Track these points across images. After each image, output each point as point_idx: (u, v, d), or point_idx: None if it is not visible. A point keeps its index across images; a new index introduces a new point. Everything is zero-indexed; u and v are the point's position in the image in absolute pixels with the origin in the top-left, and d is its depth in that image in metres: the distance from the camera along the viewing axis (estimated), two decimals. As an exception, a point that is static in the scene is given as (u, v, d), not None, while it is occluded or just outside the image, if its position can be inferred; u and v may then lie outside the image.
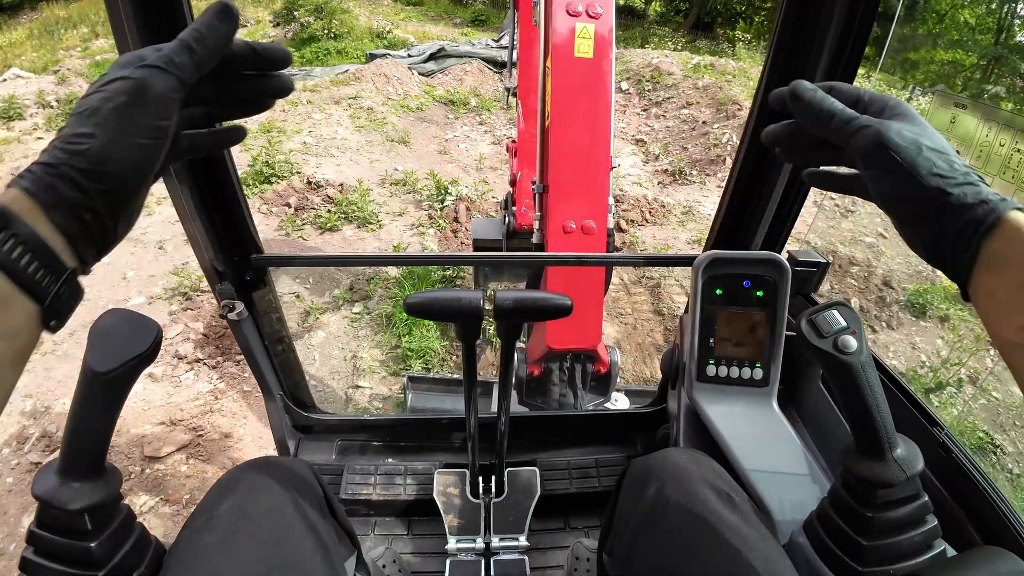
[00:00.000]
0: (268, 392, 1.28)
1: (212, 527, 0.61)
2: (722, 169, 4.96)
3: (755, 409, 0.94)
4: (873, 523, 0.57)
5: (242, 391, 2.57)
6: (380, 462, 1.40)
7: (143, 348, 0.53)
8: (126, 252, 3.59)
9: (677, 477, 0.65)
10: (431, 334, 3.00)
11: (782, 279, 0.94)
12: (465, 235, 4.02)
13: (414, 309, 0.78)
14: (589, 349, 1.54)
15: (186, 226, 0.97)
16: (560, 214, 1.38)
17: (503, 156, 5.56)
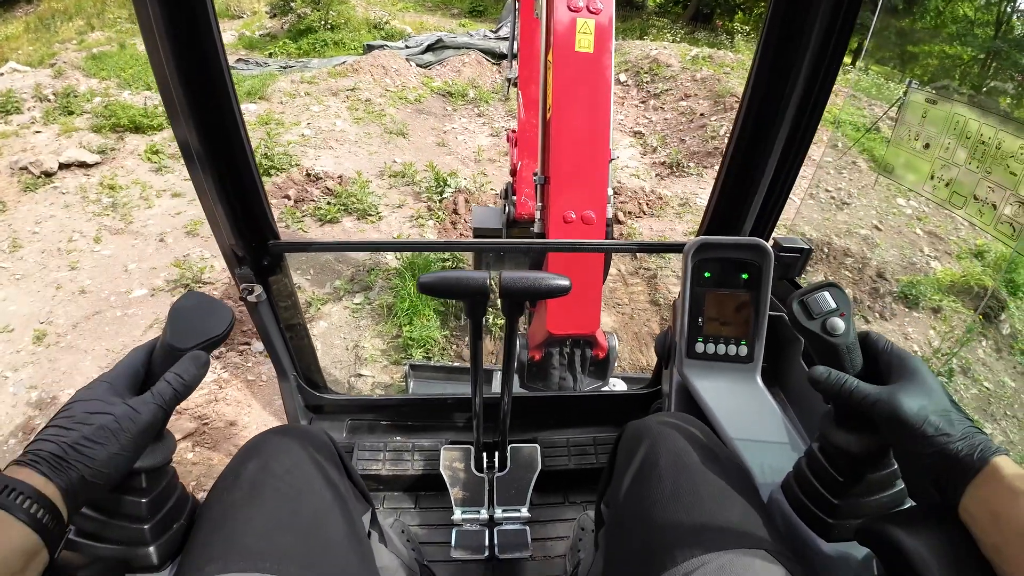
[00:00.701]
0: (282, 373, 1.34)
1: (239, 485, 0.66)
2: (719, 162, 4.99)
3: (740, 383, 1.01)
4: (844, 486, 0.63)
5: (246, 380, 2.61)
6: (389, 439, 1.46)
7: (219, 331, 0.59)
8: (127, 245, 3.61)
9: (667, 435, 0.72)
10: (431, 323, 3.04)
11: (766, 263, 1.00)
12: (464, 227, 4.05)
13: (427, 287, 0.86)
14: (588, 335, 1.59)
15: (207, 212, 1.02)
16: (560, 204, 1.43)
17: (501, 148, 5.58)
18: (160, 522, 0.61)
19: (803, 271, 1.09)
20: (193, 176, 0.96)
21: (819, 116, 0.97)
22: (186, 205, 4.13)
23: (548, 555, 1.30)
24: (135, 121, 5.07)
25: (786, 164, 1.03)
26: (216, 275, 3.32)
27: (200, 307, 0.60)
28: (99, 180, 4.34)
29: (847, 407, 0.60)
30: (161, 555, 0.61)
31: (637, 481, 0.69)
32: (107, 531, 0.58)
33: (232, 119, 0.96)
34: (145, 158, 4.67)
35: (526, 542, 1.22)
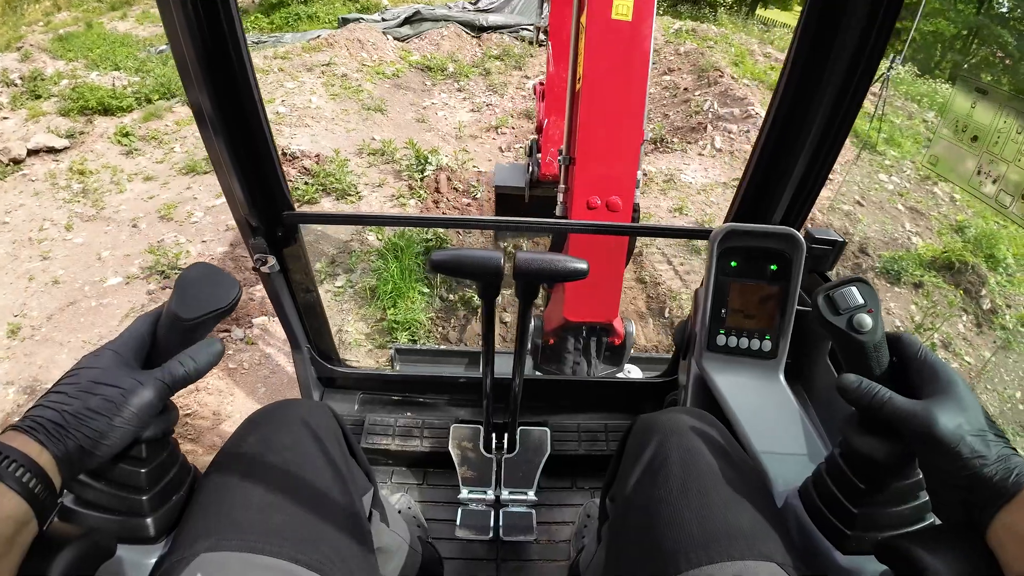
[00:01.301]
0: (295, 344, 1.34)
1: (239, 458, 0.65)
2: (703, 137, 4.96)
3: (762, 380, 0.97)
4: (866, 494, 0.59)
5: (227, 368, 2.54)
6: (399, 415, 1.46)
7: (224, 303, 0.57)
8: (99, 232, 3.48)
9: (679, 432, 0.68)
10: (416, 305, 2.99)
11: (797, 254, 0.95)
12: (447, 206, 3.98)
13: (439, 266, 0.83)
14: (606, 323, 1.55)
15: (222, 181, 1.00)
16: (585, 188, 1.35)
17: (483, 123, 5.47)
18: (159, 493, 0.59)
19: (835, 265, 1.05)
20: (207, 143, 0.94)
21: (860, 102, 0.92)
22: (158, 188, 3.98)
23: (552, 539, 1.30)
24: (103, 103, 4.86)
25: (822, 151, 0.98)
26: (192, 261, 3.22)
27: (207, 278, 0.58)
28: (68, 166, 4.16)
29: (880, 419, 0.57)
30: (158, 527, 0.59)
31: (645, 477, 0.66)
32: (105, 500, 0.57)
33: (247, 85, 0.92)
34: (115, 141, 4.48)
35: (531, 525, 1.22)
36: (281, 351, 2.68)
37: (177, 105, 5.07)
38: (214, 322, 0.58)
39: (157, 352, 0.58)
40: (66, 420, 0.49)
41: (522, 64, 6.77)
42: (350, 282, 3.17)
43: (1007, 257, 3.64)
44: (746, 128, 4.93)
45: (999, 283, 3.54)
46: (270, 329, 2.77)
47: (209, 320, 0.57)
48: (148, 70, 5.52)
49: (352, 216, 1.13)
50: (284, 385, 2.48)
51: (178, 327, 0.57)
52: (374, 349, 2.85)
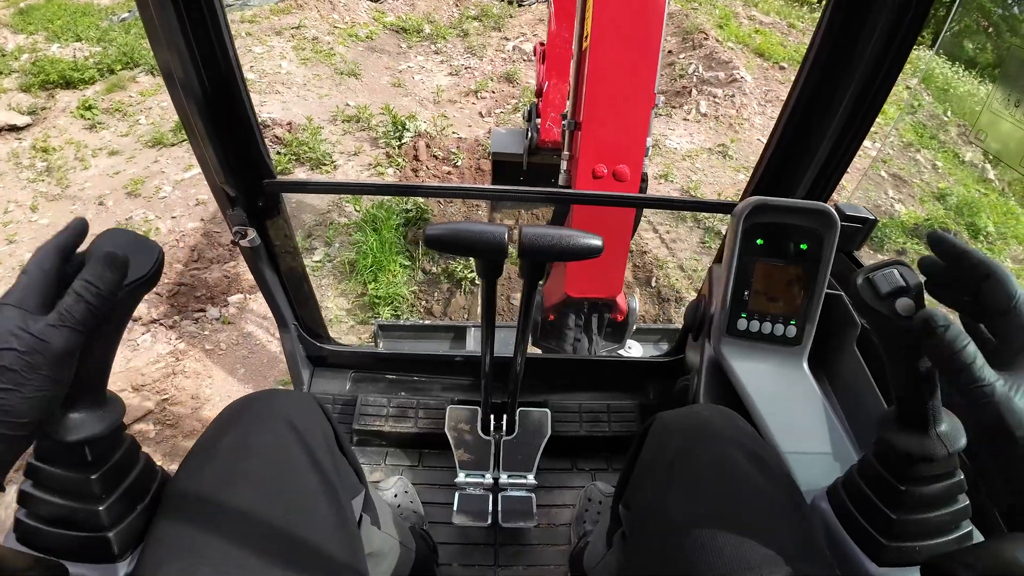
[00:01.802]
0: (282, 322, 1.27)
1: (211, 463, 0.58)
2: (688, 102, 4.85)
3: (784, 368, 0.90)
4: (905, 497, 0.55)
5: (204, 350, 2.44)
6: (393, 395, 1.40)
7: (143, 271, 0.49)
8: (65, 212, 3.29)
9: (707, 436, 0.61)
10: (398, 279, 2.91)
11: (830, 233, 0.87)
12: (427, 175, 3.84)
13: (435, 242, 0.74)
14: (609, 299, 1.49)
15: (195, 148, 0.92)
16: (591, 156, 1.25)
17: (462, 87, 5.27)
18: (118, 502, 0.52)
19: (863, 244, 0.98)
20: (178, 108, 0.85)
21: (898, 69, 0.84)
22: (124, 163, 3.77)
23: (553, 523, 1.26)
24: (65, 76, 4.58)
25: (855, 121, 0.90)
26: (162, 238, 3.05)
27: (123, 245, 0.49)
28: (31, 143, 3.92)
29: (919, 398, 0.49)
30: (121, 542, 0.52)
31: (670, 488, 0.59)
32: (60, 513, 0.50)
33: (222, 42, 0.83)
34: (78, 115, 4.22)
35: (531, 511, 1.18)
36: (260, 329, 2.58)
37: (141, 75, 4.79)
38: (134, 297, 0.50)
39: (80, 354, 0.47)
40: None
41: (501, 25, 6.51)
42: (328, 256, 3.06)
43: (988, 226, 3.67)
44: (731, 92, 4.84)
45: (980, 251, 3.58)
46: (247, 307, 2.66)
47: (128, 294, 0.49)
48: (110, 40, 5.19)
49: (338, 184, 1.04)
50: (264, 365, 2.39)
51: None
52: (356, 325, 2.76)
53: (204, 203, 3.34)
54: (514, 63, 5.61)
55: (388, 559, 0.85)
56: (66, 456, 0.49)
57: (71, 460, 0.50)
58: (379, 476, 1.33)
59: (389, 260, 2.94)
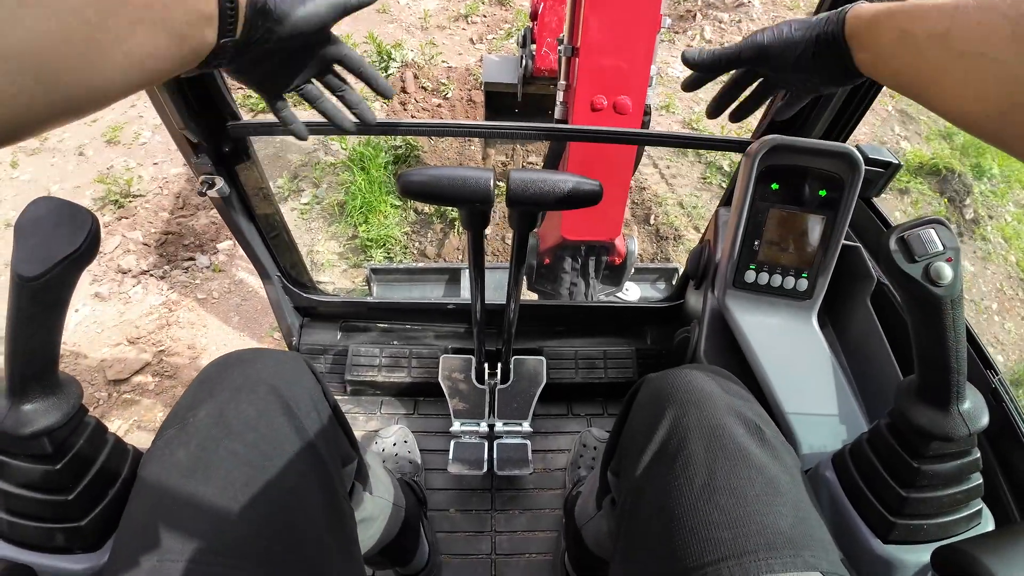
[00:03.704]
0: (265, 274, 1.22)
1: (186, 440, 0.52)
2: (692, 27, 4.56)
3: (792, 323, 0.84)
4: (919, 475, 0.51)
5: (197, 299, 2.40)
6: (385, 345, 1.38)
7: (74, 246, 0.43)
8: (45, 164, 3.15)
9: (699, 403, 0.56)
10: (389, 221, 2.83)
11: (852, 178, 0.79)
12: (416, 108, 3.66)
13: (411, 190, 0.68)
14: (608, 241, 1.42)
15: (150, 92, 0.83)
16: (590, 85, 1.14)
17: (451, 12, 4.94)
18: (86, 491, 0.49)
19: (883, 191, 0.89)
20: None
21: None
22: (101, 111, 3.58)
23: (548, 468, 1.27)
24: None
25: None
26: (145, 186, 2.93)
27: (52, 216, 0.44)
28: None
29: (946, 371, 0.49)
30: (95, 531, 0.50)
31: (660, 463, 0.54)
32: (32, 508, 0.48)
33: None
34: None
35: (526, 458, 1.17)
36: (252, 276, 2.53)
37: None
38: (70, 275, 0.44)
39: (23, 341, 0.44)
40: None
41: (492, -59, 6.03)
42: (316, 197, 2.96)
43: (992, 167, 3.57)
44: (737, 18, 4.56)
45: (983, 193, 3.48)
46: (237, 254, 2.60)
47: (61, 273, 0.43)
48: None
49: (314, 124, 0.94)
50: (259, 312, 2.36)
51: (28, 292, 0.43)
52: (348, 269, 2.71)
53: (185, 145, 3.20)
54: (506, -16, 5.24)
55: (377, 522, 0.83)
56: (25, 450, 0.46)
57: (31, 453, 0.46)
58: (377, 424, 1.32)
59: (379, 201, 2.85)
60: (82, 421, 0.50)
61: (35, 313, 0.43)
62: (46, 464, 0.47)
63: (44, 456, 0.47)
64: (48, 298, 0.44)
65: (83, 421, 0.50)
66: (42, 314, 0.44)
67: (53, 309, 0.45)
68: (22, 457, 0.47)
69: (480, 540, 1.16)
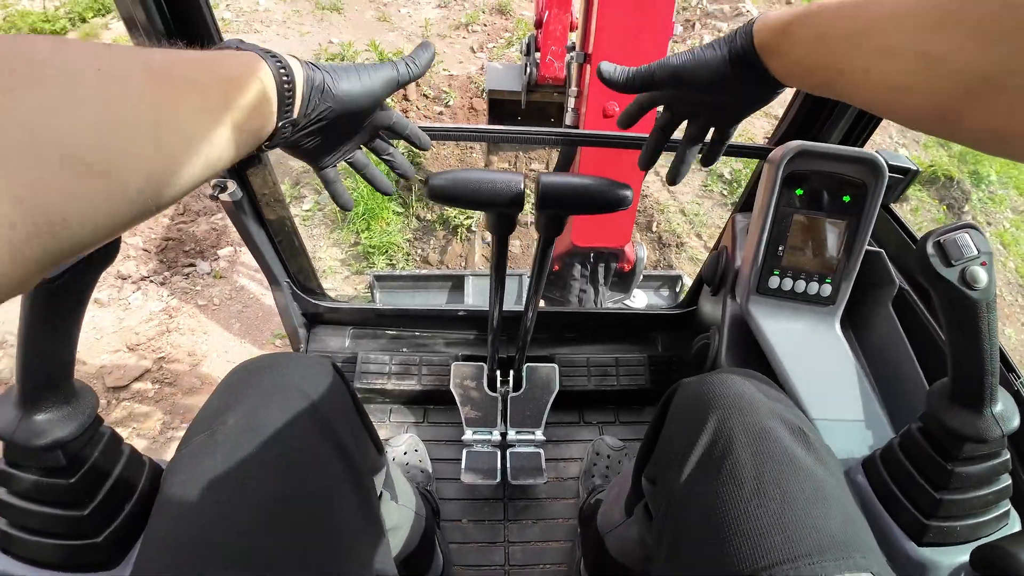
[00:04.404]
0: (274, 280, 1.21)
1: (215, 448, 0.50)
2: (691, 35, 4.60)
3: (816, 329, 0.84)
4: (953, 477, 0.52)
5: (197, 305, 2.38)
6: (395, 352, 1.36)
7: None
8: None
9: (742, 408, 0.55)
10: (391, 228, 2.82)
11: (876, 184, 0.79)
12: (418, 115, 3.67)
13: (439, 194, 0.65)
14: (617, 248, 1.42)
15: None
16: (602, 91, 1.14)
17: (451, 20, 4.97)
18: (103, 505, 0.48)
19: (901, 196, 0.90)
20: None
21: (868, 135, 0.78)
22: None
23: (560, 477, 1.26)
24: (36, 27, 4.39)
25: None
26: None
27: None
28: None
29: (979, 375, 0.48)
30: (112, 547, 0.49)
31: (706, 468, 0.53)
32: (48, 524, 0.46)
33: None
34: None
35: (540, 467, 1.16)
36: (253, 282, 2.51)
37: (113, 21, 4.49)
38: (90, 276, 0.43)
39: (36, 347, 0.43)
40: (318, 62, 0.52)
41: (491, -49, 6.08)
42: (318, 204, 2.95)
43: (990, 174, 3.60)
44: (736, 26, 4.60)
45: (981, 200, 3.50)
46: (239, 260, 2.59)
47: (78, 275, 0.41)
48: None
49: None
50: (260, 319, 2.34)
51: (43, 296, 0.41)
52: (351, 276, 2.70)
53: (185, 151, 3.19)
54: (506, -7, 5.28)
55: (401, 532, 0.81)
56: (38, 462, 0.44)
57: (44, 465, 0.44)
58: (387, 433, 1.30)
59: (381, 207, 2.85)
60: (97, 431, 0.48)
61: (50, 317, 0.42)
62: (60, 478, 0.45)
63: (58, 469, 0.45)
64: (64, 301, 0.42)
65: (98, 431, 0.48)
66: (58, 318, 0.42)
67: (69, 313, 0.43)
68: (34, 470, 0.45)
69: (493, 551, 1.14)
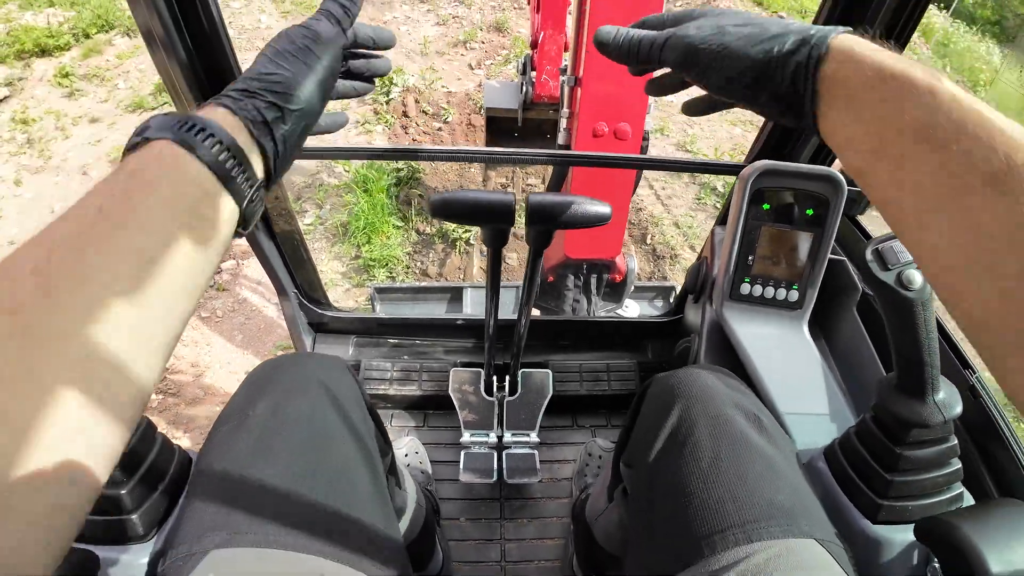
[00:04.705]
0: (281, 290, 1.27)
1: (246, 431, 0.56)
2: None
3: (785, 332, 0.91)
4: (901, 460, 0.57)
5: (200, 317, 2.43)
6: (396, 359, 1.43)
7: None
8: (50, 183, 3.21)
9: (704, 398, 0.63)
10: (391, 241, 2.88)
11: (836, 198, 0.87)
12: (417, 131, 3.75)
13: (440, 210, 0.73)
14: (608, 260, 1.49)
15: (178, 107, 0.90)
16: (592, 113, 1.22)
17: (450, 38, 5.08)
18: (139, 485, 0.54)
19: (867, 209, 0.98)
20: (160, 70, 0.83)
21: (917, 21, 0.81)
22: (106, 130, 3.66)
23: (554, 477, 1.32)
24: (40, 43, 4.40)
25: None
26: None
27: None
28: (10, 116, 3.78)
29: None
30: (146, 523, 0.55)
31: (671, 448, 0.61)
32: None
33: None
34: (56, 83, 4.06)
35: (534, 467, 1.22)
36: (255, 295, 2.57)
37: (117, 37, 4.59)
38: None
39: None
40: (248, 84, 0.43)
41: (489, -30, 6.23)
42: (320, 218, 3.02)
43: None
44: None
45: None
46: (241, 273, 2.65)
47: None
48: (83, 2, 4.93)
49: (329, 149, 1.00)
50: (262, 331, 2.40)
51: None
52: (351, 288, 2.76)
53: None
54: (504, 11, 5.40)
55: (405, 516, 0.88)
56: None
57: None
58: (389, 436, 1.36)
59: (382, 221, 2.92)
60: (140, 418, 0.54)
61: None
62: None
63: None
64: None
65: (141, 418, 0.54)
66: None
67: None
68: None
69: (490, 548, 1.19)
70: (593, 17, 1.14)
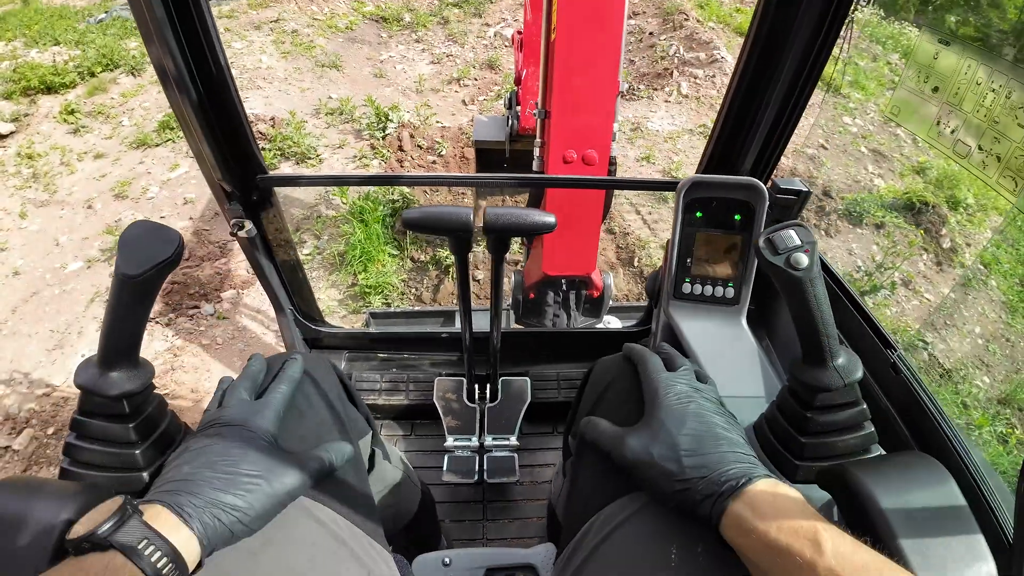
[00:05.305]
0: (279, 307, 1.37)
1: None
2: (669, 83, 4.91)
3: (725, 326, 1.01)
4: (811, 423, 0.64)
5: (201, 344, 2.50)
6: (385, 372, 1.52)
7: (168, 254, 0.58)
8: (54, 217, 3.32)
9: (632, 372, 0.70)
10: (387, 268, 2.98)
11: (759, 204, 0.98)
12: (412, 165, 3.89)
13: (411, 223, 0.86)
14: (584, 276, 1.58)
15: (192, 145, 1.01)
16: (561, 142, 1.35)
17: (444, 76, 5.29)
18: (151, 447, 0.62)
19: (800, 214, 1.08)
20: (173, 105, 0.93)
21: (828, 52, 0.92)
22: (110, 166, 3.79)
23: (535, 480, 1.39)
24: (46, 81, 4.55)
25: (789, 102, 1.00)
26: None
27: (148, 234, 0.59)
28: (16, 151, 3.92)
29: (816, 336, 0.61)
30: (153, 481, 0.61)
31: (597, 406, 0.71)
32: (99, 459, 0.60)
33: (209, 39, 0.90)
34: (61, 120, 4.21)
35: (514, 468, 1.29)
36: (255, 323, 2.65)
37: (121, 76, 4.77)
38: (160, 277, 0.58)
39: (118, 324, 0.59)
40: (208, 500, 0.51)
41: (482, 11, 6.51)
42: (318, 248, 3.12)
43: (967, 197, 3.71)
44: (712, 73, 4.89)
45: (959, 222, 3.62)
46: (241, 302, 2.73)
47: (155, 274, 0.57)
48: (88, 42, 5.15)
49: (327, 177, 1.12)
50: (260, 356, 2.46)
51: (128, 287, 0.57)
52: (348, 315, 2.84)
53: (192, 202, 3.38)
54: (495, 49, 5.63)
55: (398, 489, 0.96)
56: (107, 409, 0.59)
57: (112, 412, 0.60)
58: None
59: (377, 250, 3.01)
60: (152, 393, 0.64)
61: (130, 303, 0.58)
62: (123, 422, 0.60)
63: (122, 415, 0.60)
64: (141, 293, 0.58)
65: (153, 393, 0.64)
66: (135, 305, 0.58)
67: (143, 303, 0.59)
68: (103, 417, 0.60)
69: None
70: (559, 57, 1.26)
